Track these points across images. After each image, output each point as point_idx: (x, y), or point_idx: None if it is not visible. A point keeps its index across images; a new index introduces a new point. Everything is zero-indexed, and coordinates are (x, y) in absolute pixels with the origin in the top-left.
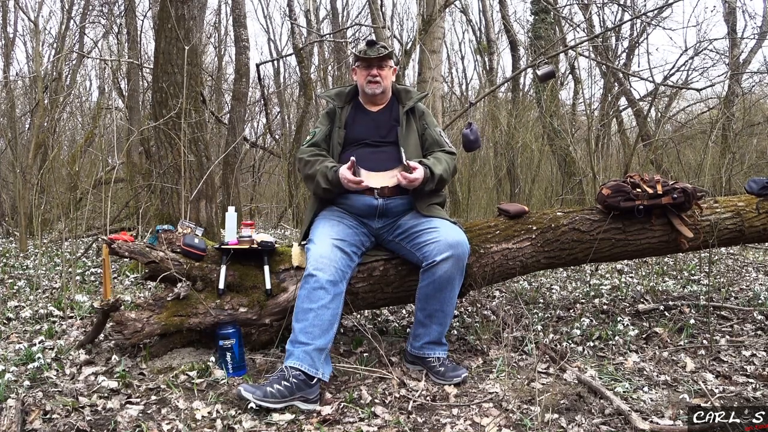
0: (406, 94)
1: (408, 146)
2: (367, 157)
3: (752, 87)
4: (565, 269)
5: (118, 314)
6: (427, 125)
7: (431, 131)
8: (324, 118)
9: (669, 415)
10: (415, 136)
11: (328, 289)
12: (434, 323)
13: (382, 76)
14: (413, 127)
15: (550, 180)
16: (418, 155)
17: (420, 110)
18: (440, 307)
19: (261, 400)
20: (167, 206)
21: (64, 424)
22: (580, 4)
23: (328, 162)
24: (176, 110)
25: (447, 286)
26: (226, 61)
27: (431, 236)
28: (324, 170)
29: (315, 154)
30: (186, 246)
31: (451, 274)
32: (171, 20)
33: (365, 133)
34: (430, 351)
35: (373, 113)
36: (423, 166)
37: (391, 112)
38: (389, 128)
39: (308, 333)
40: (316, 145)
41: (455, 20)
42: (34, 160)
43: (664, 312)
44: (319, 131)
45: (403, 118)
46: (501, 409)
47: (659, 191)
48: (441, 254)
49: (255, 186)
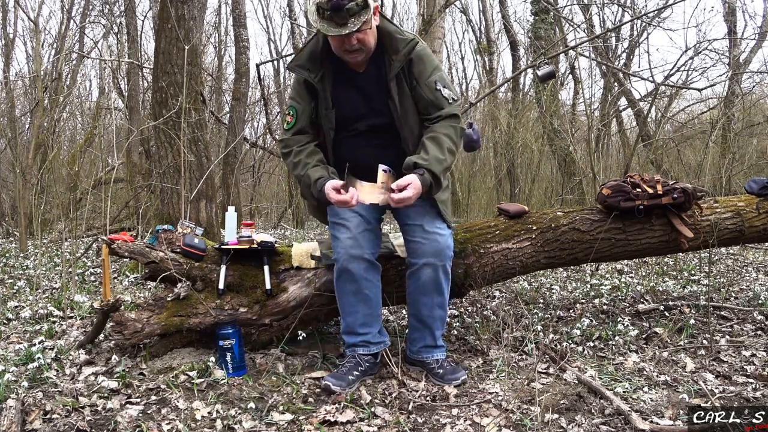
0: (391, 43)
1: (407, 121)
2: (362, 151)
3: (752, 87)
4: (565, 269)
5: (118, 314)
6: (418, 79)
7: (423, 88)
8: (302, 90)
9: (669, 415)
10: (411, 102)
11: (368, 277)
12: (426, 327)
13: (363, 41)
14: (405, 90)
15: (550, 180)
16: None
17: (408, 59)
18: (429, 312)
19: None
20: (167, 206)
21: (64, 424)
22: (580, 5)
23: (314, 171)
24: (176, 110)
25: (433, 291)
26: (226, 61)
27: (417, 235)
28: (308, 181)
29: (302, 146)
30: (186, 246)
31: (434, 279)
32: (171, 20)
33: (355, 107)
34: (427, 354)
35: (359, 76)
36: (417, 174)
37: (379, 69)
38: (381, 97)
39: (364, 324)
40: (302, 132)
41: (455, 20)
42: (34, 160)
43: (664, 312)
44: (301, 112)
45: (394, 84)
46: (501, 409)
47: (659, 191)
48: (422, 258)
49: (255, 186)
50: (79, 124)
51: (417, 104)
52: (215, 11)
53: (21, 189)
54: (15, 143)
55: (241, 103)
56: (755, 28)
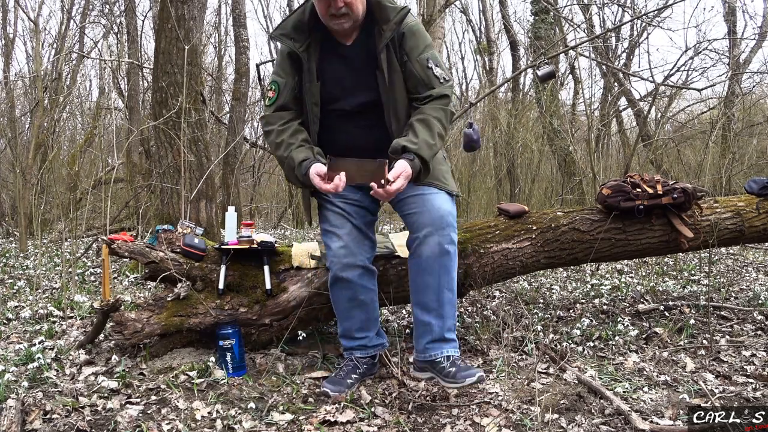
0: (381, 12)
1: (393, 96)
2: (347, 131)
3: (752, 87)
4: (565, 269)
5: (118, 314)
6: (409, 54)
7: (414, 64)
8: (285, 63)
9: (669, 415)
10: (400, 78)
11: (362, 283)
12: (433, 317)
13: (351, 5)
14: (395, 64)
15: (550, 180)
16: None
17: (399, 32)
18: (435, 296)
19: (344, 392)
20: (167, 206)
21: (64, 424)
22: (580, 5)
23: (298, 152)
24: (176, 110)
25: (438, 269)
26: (226, 61)
27: (416, 205)
28: (292, 164)
29: (285, 124)
30: (186, 246)
31: (438, 253)
32: (171, 20)
33: (342, 80)
34: (436, 350)
35: (347, 48)
36: (406, 160)
37: (368, 41)
38: (369, 69)
39: (361, 329)
40: (285, 108)
41: (455, 20)
42: (34, 160)
43: (664, 312)
44: (283, 86)
45: (383, 55)
46: (501, 409)
47: (659, 191)
48: (422, 230)
49: (255, 186)
50: (79, 124)
51: (406, 82)
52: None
53: (21, 189)
54: (15, 143)
55: (241, 103)
56: (755, 28)
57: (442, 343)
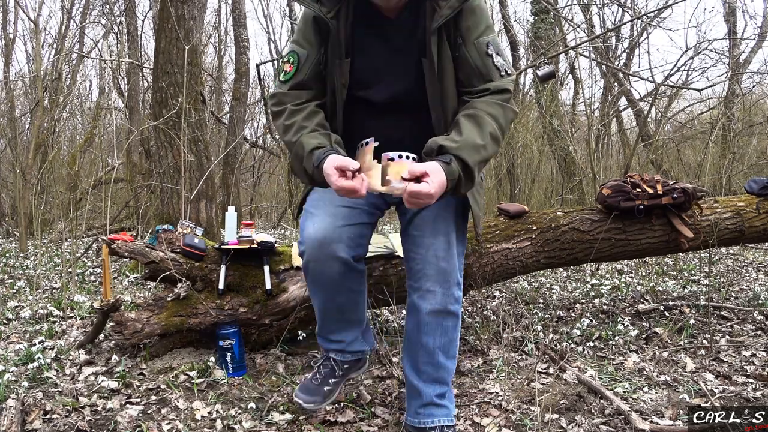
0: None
1: (443, 89)
2: (380, 124)
3: (752, 87)
4: (565, 269)
5: (118, 314)
6: (464, 37)
7: (470, 48)
8: (309, 30)
9: (669, 415)
10: (451, 67)
11: (342, 282)
12: (422, 381)
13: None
14: (446, 50)
15: (550, 180)
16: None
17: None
18: (428, 358)
19: (322, 405)
20: (167, 206)
21: (64, 424)
22: (580, 5)
23: (310, 138)
24: (176, 110)
25: (437, 328)
26: (226, 61)
27: (422, 244)
28: (302, 152)
29: (301, 104)
30: (186, 246)
31: (442, 310)
32: (171, 20)
33: (378, 62)
34: (426, 418)
35: (388, 23)
36: (441, 163)
37: (417, 19)
38: (413, 53)
39: (336, 331)
40: (303, 86)
41: None
42: (34, 160)
43: (664, 312)
44: (304, 59)
45: (435, 38)
46: (501, 409)
47: (659, 191)
48: (426, 281)
49: (255, 186)
50: (79, 124)
51: (458, 71)
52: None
53: (21, 189)
54: (15, 143)
55: (241, 103)
56: (755, 28)
57: (433, 409)
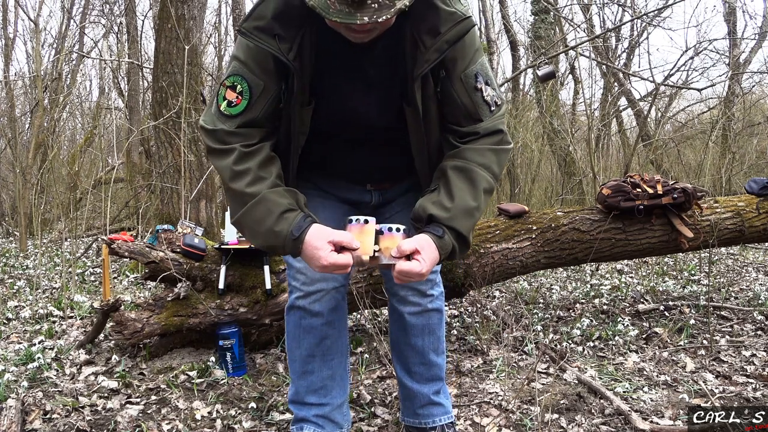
0: (425, 14)
1: (429, 135)
2: (343, 155)
3: (752, 87)
4: (565, 269)
5: (118, 314)
6: (449, 70)
7: (455, 84)
8: (266, 61)
9: (669, 415)
10: (435, 107)
11: (331, 320)
12: (416, 382)
13: (382, 25)
14: (431, 91)
15: (550, 180)
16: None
17: None
18: (420, 359)
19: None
20: (167, 206)
21: (64, 424)
22: (580, 5)
23: (276, 195)
24: (176, 110)
25: (423, 328)
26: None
27: (402, 290)
28: (266, 211)
29: (252, 147)
30: (186, 246)
31: (422, 310)
32: (171, 20)
33: (348, 106)
34: (427, 418)
35: (360, 52)
36: (432, 235)
37: (394, 46)
38: (390, 94)
39: (319, 391)
40: (254, 124)
41: None
42: (34, 160)
43: (664, 312)
44: (260, 93)
45: (418, 83)
46: (501, 409)
47: (659, 191)
48: (402, 289)
49: None
50: (79, 124)
51: (443, 107)
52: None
53: (21, 189)
54: (15, 143)
55: None
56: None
57: (433, 407)
